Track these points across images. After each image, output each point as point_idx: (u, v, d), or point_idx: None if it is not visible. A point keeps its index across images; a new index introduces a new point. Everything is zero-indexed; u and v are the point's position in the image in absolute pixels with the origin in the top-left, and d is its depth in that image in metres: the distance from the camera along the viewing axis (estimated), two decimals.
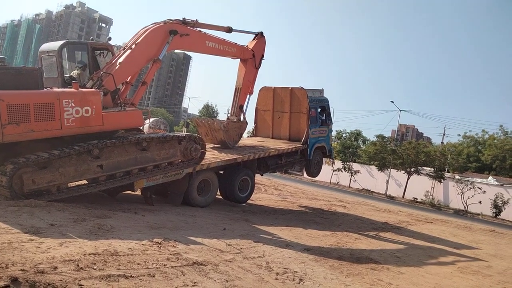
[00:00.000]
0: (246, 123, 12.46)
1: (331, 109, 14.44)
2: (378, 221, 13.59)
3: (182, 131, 46.42)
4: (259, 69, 12.50)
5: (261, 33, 12.48)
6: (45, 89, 7.23)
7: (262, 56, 12.51)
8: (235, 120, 12.08)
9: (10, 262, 3.90)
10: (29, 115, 6.59)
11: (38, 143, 7.00)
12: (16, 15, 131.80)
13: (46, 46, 8.80)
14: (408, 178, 34.46)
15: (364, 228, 11.38)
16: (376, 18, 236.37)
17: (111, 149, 7.76)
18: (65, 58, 8.47)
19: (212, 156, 10.71)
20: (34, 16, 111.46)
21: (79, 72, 8.46)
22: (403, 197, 34.25)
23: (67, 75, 8.36)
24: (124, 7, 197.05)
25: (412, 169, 34.40)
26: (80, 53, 8.83)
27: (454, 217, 23.48)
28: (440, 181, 33.80)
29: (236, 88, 12.26)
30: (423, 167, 34.91)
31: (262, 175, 14.64)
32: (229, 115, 12.63)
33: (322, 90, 14.82)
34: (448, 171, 37.65)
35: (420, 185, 34.14)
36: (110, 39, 9.61)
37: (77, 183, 7.74)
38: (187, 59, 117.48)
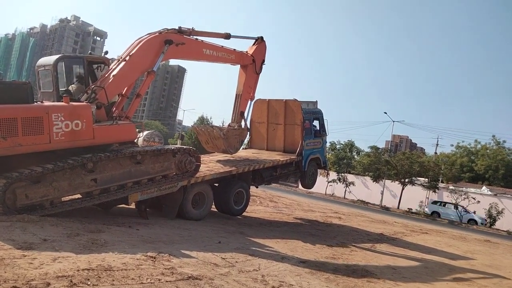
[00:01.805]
0: (248, 129, 12.32)
1: (325, 121, 14.55)
2: (373, 233, 13.59)
3: (176, 144, 46.35)
4: (260, 75, 12.37)
5: (261, 38, 12.35)
6: (34, 103, 7.21)
7: (263, 61, 12.39)
8: (235, 127, 11.97)
9: (2, 279, 3.85)
10: (17, 129, 6.56)
11: (29, 157, 6.93)
12: (11, 28, 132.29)
13: (43, 60, 8.81)
14: (403, 189, 34.56)
15: (360, 240, 11.36)
16: (366, 29, 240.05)
17: (105, 162, 7.71)
18: (61, 72, 8.47)
19: (207, 168, 10.68)
20: (28, 30, 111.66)
21: (76, 86, 8.46)
22: (398, 207, 34.29)
23: (64, 89, 8.36)
24: (118, 20, 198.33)
25: (407, 180, 34.54)
26: (76, 67, 8.83)
27: (449, 228, 23.53)
28: (434, 191, 33.95)
29: (236, 95, 12.13)
30: (417, 178, 35.08)
31: (257, 187, 14.62)
32: (230, 122, 12.39)
33: (316, 102, 14.94)
34: (442, 181, 37.85)
35: (414, 196, 34.28)
36: (106, 52, 9.58)
37: (70, 197, 7.67)
38: (182, 71, 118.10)
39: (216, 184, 11.22)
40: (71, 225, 6.67)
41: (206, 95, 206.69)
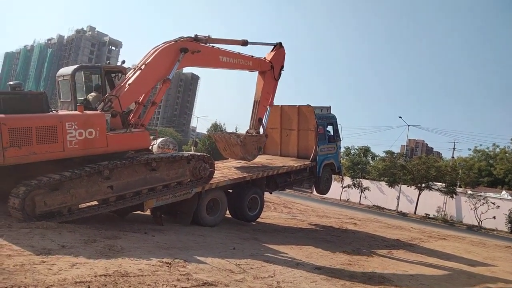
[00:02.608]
0: (266, 136, 12.26)
1: (339, 126, 14.48)
2: (390, 238, 13.39)
3: (190, 150, 46.67)
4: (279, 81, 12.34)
5: (280, 43, 12.29)
6: (49, 113, 7.39)
7: (282, 67, 12.33)
8: (253, 134, 11.92)
9: (22, 284, 3.92)
10: (32, 138, 6.72)
11: (46, 165, 7.10)
12: (29, 40, 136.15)
13: (62, 70, 9.06)
14: (419, 194, 34.00)
15: (376, 246, 11.21)
16: (380, 32, 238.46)
17: (121, 169, 7.83)
18: (79, 82, 8.67)
19: (221, 175, 10.72)
20: (46, 41, 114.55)
21: (94, 95, 8.65)
22: (414, 213, 33.73)
23: (82, 98, 8.55)
24: (132, 29, 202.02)
25: (423, 185, 33.98)
26: (93, 76, 9.03)
27: (468, 233, 23.01)
28: (452, 197, 33.28)
29: (255, 101, 12.08)
30: (434, 183, 34.48)
31: (271, 193, 14.59)
32: (248, 128, 12.34)
33: (330, 107, 15.02)
34: (460, 186, 37.11)
35: (431, 201, 33.66)
36: (123, 62, 9.77)
37: (87, 204, 7.80)
38: (195, 79, 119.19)
39: (230, 190, 11.24)
40: (88, 231, 6.77)
41: (220, 102, 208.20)
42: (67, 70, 8.82)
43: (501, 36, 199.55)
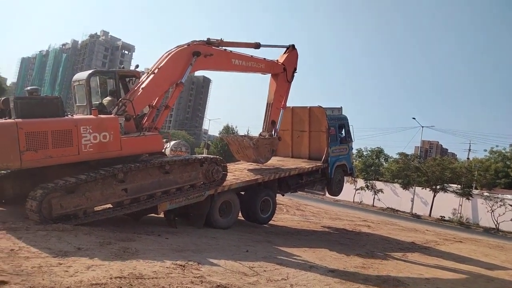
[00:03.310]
0: (279, 138, 12.23)
1: (350, 127, 14.38)
2: (404, 241, 13.21)
3: (203, 153, 46.94)
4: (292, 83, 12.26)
5: (293, 46, 12.27)
6: (65, 117, 7.52)
7: (295, 69, 12.31)
8: (266, 136, 11.92)
9: (40, 286, 4.00)
10: (47, 142, 6.85)
11: (60, 169, 7.24)
12: (45, 45, 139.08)
13: (78, 75, 9.23)
14: (434, 196, 33.52)
15: (390, 249, 11.08)
16: (394, 32, 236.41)
17: (135, 172, 7.93)
18: (94, 86, 8.82)
19: (233, 177, 10.75)
20: (61, 46, 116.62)
21: (109, 99, 8.78)
22: (429, 215, 33.25)
23: (98, 103, 8.68)
24: (145, 33, 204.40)
25: (438, 187, 33.48)
26: (108, 81, 9.17)
27: (485, 236, 22.58)
28: (468, 199, 32.71)
29: (267, 103, 12.10)
30: (449, 184, 33.95)
31: (283, 195, 14.56)
32: (261, 131, 12.33)
33: (341, 108, 14.80)
34: (476, 188, 36.44)
35: (447, 203, 33.13)
36: (137, 66, 9.90)
37: (102, 207, 7.91)
38: (207, 81, 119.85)
39: (243, 193, 11.26)
40: (103, 234, 6.86)
41: (231, 104, 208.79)
42: (82, 75, 8.98)
43: None
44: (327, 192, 17.85)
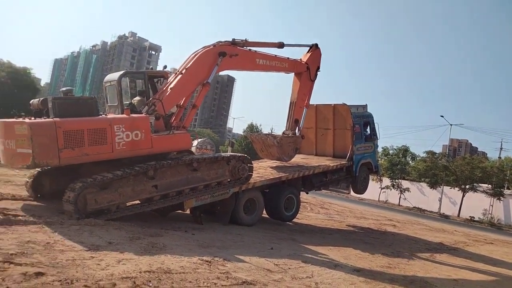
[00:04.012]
0: (302, 137, 12.29)
1: (375, 125, 14.18)
2: (432, 242, 12.92)
3: (227, 151, 47.31)
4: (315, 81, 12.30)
5: (316, 45, 12.33)
6: (99, 116, 7.82)
7: (318, 68, 12.35)
8: (290, 135, 12.01)
9: (74, 278, 4.18)
10: (84, 140, 7.14)
11: (94, 166, 7.52)
12: (76, 47, 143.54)
13: (109, 76, 9.56)
14: (463, 196, 32.52)
15: (417, 249, 10.87)
16: (423, 29, 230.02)
17: (165, 170, 8.19)
18: (125, 87, 9.11)
19: (257, 175, 10.82)
20: (91, 47, 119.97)
21: (138, 99, 9.04)
22: (458, 215, 32.29)
23: (128, 102, 8.96)
24: (171, 34, 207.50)
25: (467, 186, 32.45)
26: (138, 81, 9.45)
27: None
28: (499, 199, 31.54)
29: (291, 102, 12.19)
30: (479, 184, 32.83)
31: (307, 193, 14.52)
32: (284, 129, 12.46)
33: (366, 105, 14.61)
34: (508, 188, 35.07)
35: (477, 203, 32.06)
36: (165, 67, 10.13)
37: (132, 202, 8.16)
38: (231, 81, 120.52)
39: (267, 190, 11.32)
40: (133, 229, 7.07)
41: (255, 103, 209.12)
42: (114, 76, 9.29)
43: None
44: (351, 191, 17.68)
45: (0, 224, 5.90)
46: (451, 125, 38.51)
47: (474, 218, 31.22)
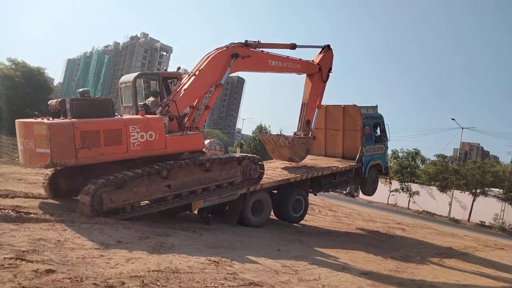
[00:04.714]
0: (314, 138, 12.30)
1: (386, 126, 14.07)
2: (441, 246, 12.79)
3: (236, 151, 47.43)
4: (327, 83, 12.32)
5: (328, 46, 12.34)
6: (115, 117, 7.93)
7: (330, 69, 12.36)
8: (301, 136, 12.04)
9: (84, 276, 4.23)
10: (100, 140, 7.27)
11: (109, 165, 7.64)
12: (89, 47, 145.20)
13: (124, 77, 9.72)
14: (474, 200, 32.12)
15: (426, 253, 10.76)
16: (432, 31, 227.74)
17: (178, 170, 8.30)
18: (140, 88, 9.24)
19: (265, 176, 10.82)
20: (103, 48, 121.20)
21: (152, 100, 9.15)
22: (468, 220, 31.89)
23: (142, 103, 9.08)
24: (182, 34, 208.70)
25: (478, 190, 32.03)
26: (152, 82, 9.57)
27: None
28: (511, 204, 31.05)
29: (302, 103, 12.22)
30: (491, 188, 32.38)
31: (315, 194, 14.48)
32: (295, 130, 12.48)
33: (376, 106, 14.53)
34: None
35: (487, 208, 31.64)
36: (179, 68, 10.23)
37: (146, 201, 8.26)
38: (241, 82, 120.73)
39: (275, 192, 11.32)
40: (142, 228, 7.13)
41: (264, 104, 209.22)
42: (128, 77, 9.43)
43: None
44: (360, 193, 17.60)
45: (13, 222, 6.01)
46: (462, 128, 38.12)
47: (484, 222, 30.82)
